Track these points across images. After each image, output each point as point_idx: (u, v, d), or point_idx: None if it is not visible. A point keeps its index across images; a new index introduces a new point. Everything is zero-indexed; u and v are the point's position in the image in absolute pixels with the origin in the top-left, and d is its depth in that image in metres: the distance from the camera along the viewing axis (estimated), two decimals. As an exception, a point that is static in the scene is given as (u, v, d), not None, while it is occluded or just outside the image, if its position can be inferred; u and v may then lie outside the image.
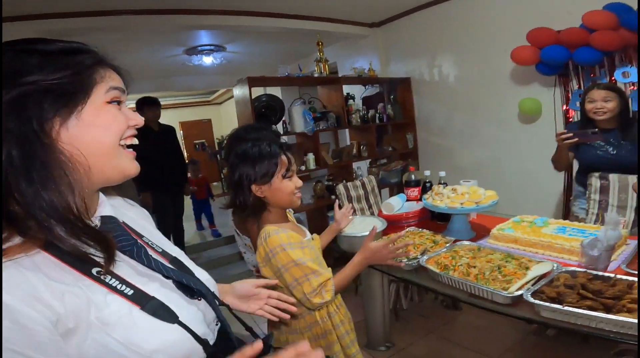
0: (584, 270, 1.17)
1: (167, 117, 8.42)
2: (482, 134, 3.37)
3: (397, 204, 1.99)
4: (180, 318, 0.52)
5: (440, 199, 1.70)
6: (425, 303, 2.59)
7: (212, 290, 0.64)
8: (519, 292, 1.09)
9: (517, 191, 3.08)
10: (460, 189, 1.70)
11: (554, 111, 2.78)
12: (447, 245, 1.55)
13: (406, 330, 2.35)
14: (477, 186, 1.79)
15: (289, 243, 1.05)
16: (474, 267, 1.28)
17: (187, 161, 4.46)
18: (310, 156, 3.12)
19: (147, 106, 3.13)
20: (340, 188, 2.55)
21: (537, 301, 1.03)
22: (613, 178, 1.89)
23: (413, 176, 2.11)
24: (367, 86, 4.20)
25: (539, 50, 2.54)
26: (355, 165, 3.94)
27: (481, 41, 3.21)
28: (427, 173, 2.10)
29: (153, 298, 0.52)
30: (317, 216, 3.56)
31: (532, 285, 1.13)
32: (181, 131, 8.90)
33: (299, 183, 1.11)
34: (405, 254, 1.45)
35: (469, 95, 3.41)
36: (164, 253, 0.63)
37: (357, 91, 4.20)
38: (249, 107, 2.86)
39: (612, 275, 1.10)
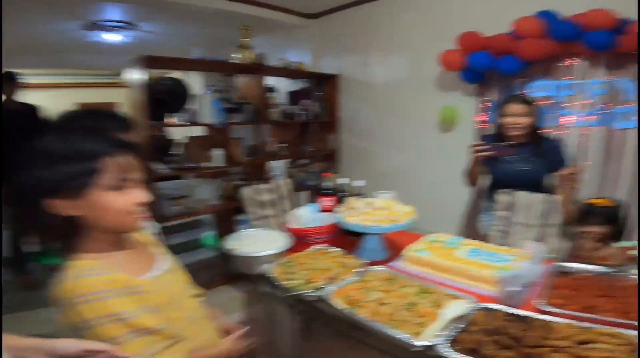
0: (500, 307, 1.02)
1: (62, 98, 7.20)
2: (403, 140, 3.31)
3: (306, 216, 1.73)
4: None
5: (355, 214, 1.48)
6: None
7: None
8: (431, 341, 0.89)
9: (432, 202, 3.07)
10: (377, 203, 1.49)
11: (472, 121, 2.80)
12: (359, 269, 1.33)
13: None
14: (395, 199, 1.62)
15: (108, 290, 0.70)
16: (385, 304, 1.06)
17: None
18: (219, 152, 2.72)
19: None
20: (246, 191, 2.21)
21: (454, 356, 0.84)
22: (522, 195, 1.87)
23: (328, 184, 1.87)
24: (295, 81, 3.92)
25: (466, 55, 2.50)
26: (273, 164, 3.63)
27: (413, 42, 3.11)
28: (344, 181, 1.88)
29: None
30: (226, 219, 3.16)
31: (446, 328, 0.94)
32: (80, 112, 7.70)
33: (141, 197, 0.77)
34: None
35: (395, 98, 3.32)
36: None
37: (286, 86, 3.91)
38: (144, 92, 2.37)
39: (527, 314, 0.97)
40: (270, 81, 3.63)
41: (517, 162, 1.88)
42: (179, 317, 0.82)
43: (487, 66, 2.44)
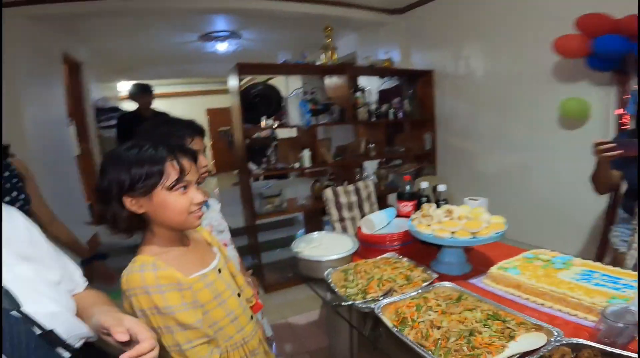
0: (594, 344, 0.77)
1: (192, 105, 8.46)
2: (511, 138, 2.86)
3: (380, 221, 1.62)
4: None
5: (428, 222, 1.32)
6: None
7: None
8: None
9: (545, 212, 2.58)
10: (458, 212, 1.30)
11: (607, 116, 2.26)
12: (424, 284, 1.18)
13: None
14: (484, 209, 1.39)
15: (156, 286, 0.76)
16: (439, 328, 0.90)
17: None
18: (306, 153, 2.79)
19: (138, 94, 3.01)
20: (328, 193, 2.21)
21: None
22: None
23: (408, 187, 1.72)
24: (385, 79, 3.79)
25: (590, 40, 2.03)
26: (365, 165, 3.57)
27: (517, 30, 2.69)
28: (424, 184, 1.70)
29: None
30: (315, 218, 3.24)
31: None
32: (207, 118, 8.92)
33: (198, 198, 0.83)
34: None
35: (499, 92, 2.90)
36: None
37: (375, 84, 3.81)
38: (238, 97, 2.59)
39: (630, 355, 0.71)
40: (360, 80, 3.59)
41: None
42: (222, 314, 0.88)
43: (621, 51, 1.92)
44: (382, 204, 2.84)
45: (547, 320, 0.97)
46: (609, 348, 0.74)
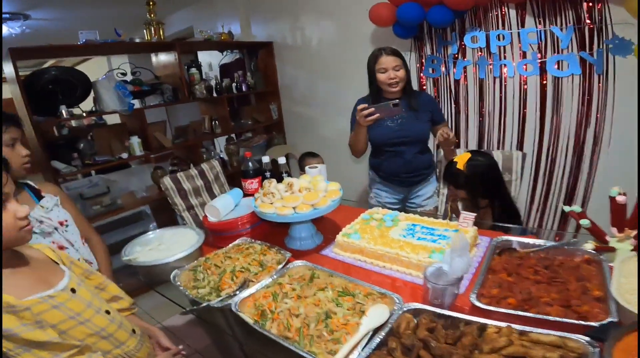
0: (428, 308, 0.86)
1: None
2: (344, 103, 3.07)
3: (225, 205, 1.49)
4: None
5: (271, 200, 1.26)
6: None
7: None
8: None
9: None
10: (298, 184, 1.28)
11: (413, 79, 2.61)
12: (279, 267, 1.14)
13: None
14: (322, 176, 1.41)
15: None
16: (297, 315, 0.88)
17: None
18: (135, 140, 2.37)
19: None
20: (166, 181, 1.93)
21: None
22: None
23: (250, 164, 1.63)
24: (226, 53, 3.52)
25: (395, 8, 2.25)
26: (210, 144, 3.31)
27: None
28: (266, 159, 1.64)
29: None
30: (163, 209, 2.86)
31: (366, 345, 0.78)
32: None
33: (21, 211, 0.76)
34: None
35: (331, 60, 3.04)
36: None
37: (217, 59, 3.52)
38: (21, 86, 1.95)
39: (459, 316, 0.82)
40: (201, 57, 3.24)
41: (395, 120, 1.72)
42: (87, 332, 0.79)
43: (417, 19, 2.21)
44: (236, 182, 2.71)
45: (390, 283, 1.06)
46: (439, 311, 0.83)
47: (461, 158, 1.47)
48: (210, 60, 3.85)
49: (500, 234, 1.23)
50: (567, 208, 1.14)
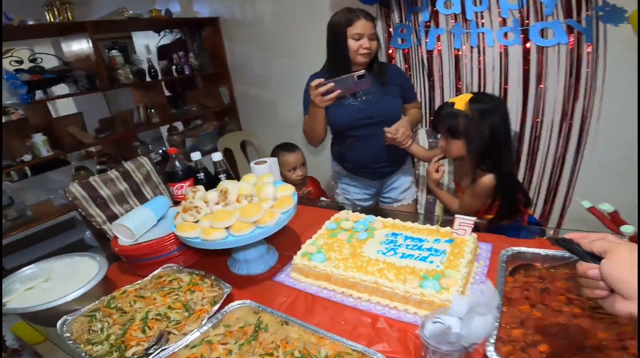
0: None
1: None
2: (304, 84, 2.71)
3: (142, 222, 1.09)
4: None
5: (195, 217, 0.90)
6: None
7: None
8: None
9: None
10: (234, 192, 0.92)
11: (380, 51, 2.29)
12: (214, 309, 0.80)
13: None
14: (272, 175, 1.06)
15: None
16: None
17: None
18: (39, 138, 1.87)
19: None
20: (74, 189, 1.49)
21: None
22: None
23: (178, 163, 1.24)
24: (164, 33, 3.02)
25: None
26: (145, 136, 2.84)
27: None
28: (196, 156, 1.25)
29: None
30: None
31: None
32: None
33: None
34: None
35: (287, 36, 2.64)
36: None
37: (154, 42, 3.03)
38: None
39: None
40: (140, 40, 2.72)
41: (361, 97, 1.41)
42: None
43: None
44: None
45: (370, 324, 0.75)
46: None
47: (460, 98, 1.10)
48: (147, 42, 3.34)
49: (504, 239, 0.95)
50: (585, 203, 0.87)
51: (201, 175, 1.18)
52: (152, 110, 2.51)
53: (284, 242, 1.13)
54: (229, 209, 0.84)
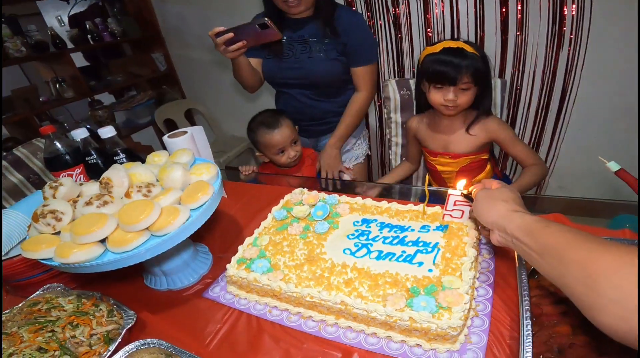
0: None
1: None
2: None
3: (15, 230, 0.76)
4: None
5: (52, 228, 0.57)
6: None
7: None
8: None
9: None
10: (124, 181, 0.61)
11: None
12: (109, 350, 0.51)
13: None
14: (189, 151, 0.75)
15: None
16: None
17: None
18: None
19: None
20: None
21: None
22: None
23: (60, 145, 0.87)
24: (72, 1, 2.49)
25: None
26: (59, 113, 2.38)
27: None
28: (80, 133, 0.84)
29: None
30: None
31: None
32: None
33: None
34: None
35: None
36: None
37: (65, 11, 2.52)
38: None
39: None
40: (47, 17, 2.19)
41: (297, 47, 1.16)
42: None
43: None
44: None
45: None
46: None
47: (461, 43, 0.92)
48: (58, 14, 2.80)
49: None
50: (613, 165, 0.64)
51: (93, 158, 0.84)
52: (64, 84, 2.05)
53: (221, 238, 0.85)
54: (103, 212, 0.53)
